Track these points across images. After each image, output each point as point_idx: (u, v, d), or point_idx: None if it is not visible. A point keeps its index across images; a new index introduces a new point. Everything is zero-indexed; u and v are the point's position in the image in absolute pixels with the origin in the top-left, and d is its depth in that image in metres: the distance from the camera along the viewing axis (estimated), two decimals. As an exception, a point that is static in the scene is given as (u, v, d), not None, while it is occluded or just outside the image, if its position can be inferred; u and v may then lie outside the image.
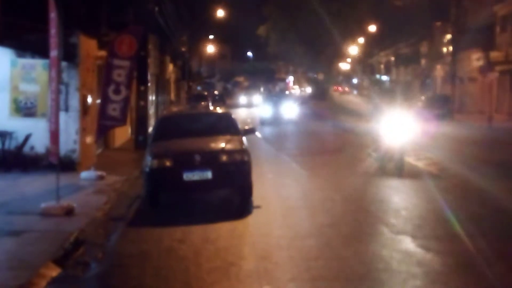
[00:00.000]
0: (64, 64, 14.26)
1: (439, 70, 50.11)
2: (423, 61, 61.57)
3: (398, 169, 15.38)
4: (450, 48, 46.60)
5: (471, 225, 10.18)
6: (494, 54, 38.88)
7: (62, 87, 14.34)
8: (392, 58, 75.65)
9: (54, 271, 7.77)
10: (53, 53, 11.05)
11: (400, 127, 15.87)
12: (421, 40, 61.12)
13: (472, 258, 8.27)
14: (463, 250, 8.63)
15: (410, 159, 18.66)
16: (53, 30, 10.94)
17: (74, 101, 14.97)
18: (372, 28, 60.40)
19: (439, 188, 13.78)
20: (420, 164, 17.60)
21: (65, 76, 14.61)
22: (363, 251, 8.63)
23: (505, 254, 8.54)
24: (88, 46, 15.72)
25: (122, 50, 14.30)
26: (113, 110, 14.43)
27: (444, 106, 39.10)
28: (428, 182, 14.62)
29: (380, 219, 10.59)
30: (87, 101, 15.58)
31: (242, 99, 65.16)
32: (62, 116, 14.04)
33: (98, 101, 15.56)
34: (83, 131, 15.24)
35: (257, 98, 59.13)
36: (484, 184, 14.24)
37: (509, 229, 10.11)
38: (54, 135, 11.10)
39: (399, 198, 12.50)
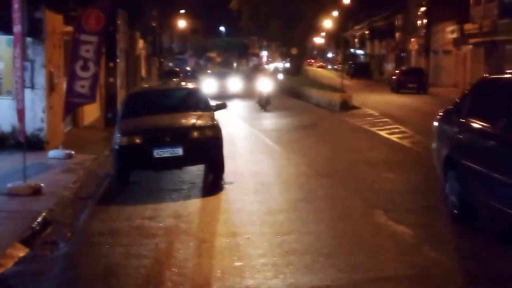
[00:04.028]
0: (29, 40, 13.96)
1: (414, 43, 50.18)
2: (397, 35, 61.65)
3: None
4: (425, 21, 46.66)
5: (443, 197, 10.19)
6: (468, 27, 38.97)
7: (28, 64, 14.01)
8: (367, 32, 75.68)
9: (21, 251, 7.64)
10: (17, 28, 10.73)
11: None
12: (395, 13, 61.21)
13: (444, 229, 8.29)
14: (435, 223, 8.63)
15: (383, 133, 18.73)
16: (16, 5, 10.61)
17: (40, 78, 14.61)
18: (347, 1, 60.21)
19: (412, 161, 13.80)
20: (393, 138, 17.63)
21: (30, 52, 14.27)
22: (335, 225, 8.59)
23: (476, 225, 8.54)
24: (54, 22, 15.35)
25: (89, 25, 13.97)
26: (81, 87, 14.14)
27: (418, 79, 39.14)
28: (400, 156, 14.63)
29: (353, 193, 10.56)
30: (54, 78, 15.24)
31: (209, 83, 37.67)
32: (28, 93, 13.74)
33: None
34: (50, 109, 14.93)
35: (237, 82, 39.59)
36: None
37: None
38: (20, 113, 10.83)
39: (372, 172, 12.45)
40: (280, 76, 55.53)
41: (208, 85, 35.79)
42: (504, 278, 6.59)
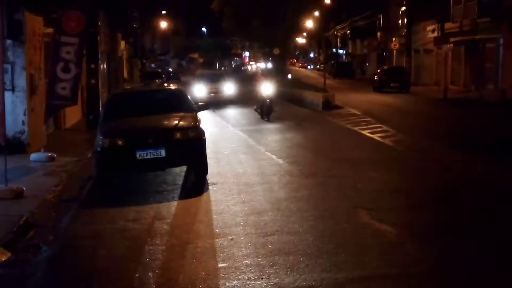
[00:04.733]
0: (9, 42, 13.89)
1: (395, 43, 50.43)
2: (379, 34, 61.88)
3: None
4: (405, 20, 46.90)
5: (425, 196, 10.27)
6: (449, 26, 39.22)
7: (8, 66, 13.92)
8: (348, 32, 75.93)
9: (3, 255, 7.58)
10: (-4, 31, 10.65)
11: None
12: (376, 13, 61.43)
13: (426, 228, 8.33)
14: (417, 221, 8.68)
15: (366, 132, 18.80)
16: (-5, 7, 10.53)
17: (21, 81, 14.51)
18: (328, 0, 60.39)
19: (394, 160, 13.87)
20: (376, 137, 17.70)
21: (10, 55, 14.17)
22: (319, 225, 8.60)
23: (458, 223, 8.64)
24: (34, 23, 15.25)
25: (69, 27, 13.89)
26: (63, 89, 14.06)
27: (400, 78, 39.31)
28: (383, 155, 14.69)
29: (336, 193, 10.58)
30: (35, 80, 15.15)
31: (199, 88, 33.00)
32: (9, 96, 13.68)
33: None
34: (31, 111, 14.84)
35: (230, 86, 34.01)
36: (439, 155, 14.38)
37: (463, 198, 10.21)
38: (1, 116, 10.75)
39: (355, 171, 12.49)
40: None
41: (198, 90, 32.20)
42: (486, 275, 6.64)
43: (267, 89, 24.13)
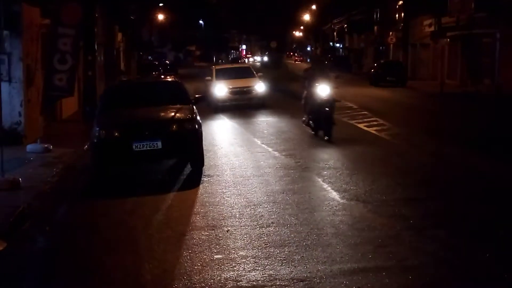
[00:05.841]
0: (6, 33, 13.84)
1: (392, 37, 50.42)
2: (376, 28, 61.85)
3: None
4: (402, 14, 46.88)
5: (421, 189, 10.30)
6: (445, 20, 39.21)
7: (4, 57, 13.92)
8: (345, 26, 75.86)
9: (-1, 246, 7.58)
10: (-7, 21, 10.64)
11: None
12: (373, 7, 61.37)
13: (423, 221, 8.35)
14: (413, 214, 8.69)
15: (362, 126, 18.82)
16: (-8, -2, 10.52)
17: (18, 72, 14.50)
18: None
19: (390, 153, 13.88)
20: (372, 131, 17.71)
21: (7, 45, 14.16)
22: (315, 217, 8.62)
23: (454, 216, 8.66)
24: (31, 14, 15.24)
25: (66, 18, 13.92)
26: (59, 80, 14.08)
27: (397, 72, 39.29)
28: (379, 148, 14.70)
29: (331, 185, 10.60)
30: (31, 71, 15.14)
31: (219, 89, 24.39)
32: (6, 87, 13.68)
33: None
34: (28, 102, 14.84)
35: (260, 85, 24.86)
36: (435, 149, 14.41)
37: (459, 192, 10.24)
38: (-3, 107, 10.76)
39: (351, 165, 12.51)
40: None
41: (217, 90, 24.28)
42: (482, 269, 6.67)
43: (324, 91, 16.44)
